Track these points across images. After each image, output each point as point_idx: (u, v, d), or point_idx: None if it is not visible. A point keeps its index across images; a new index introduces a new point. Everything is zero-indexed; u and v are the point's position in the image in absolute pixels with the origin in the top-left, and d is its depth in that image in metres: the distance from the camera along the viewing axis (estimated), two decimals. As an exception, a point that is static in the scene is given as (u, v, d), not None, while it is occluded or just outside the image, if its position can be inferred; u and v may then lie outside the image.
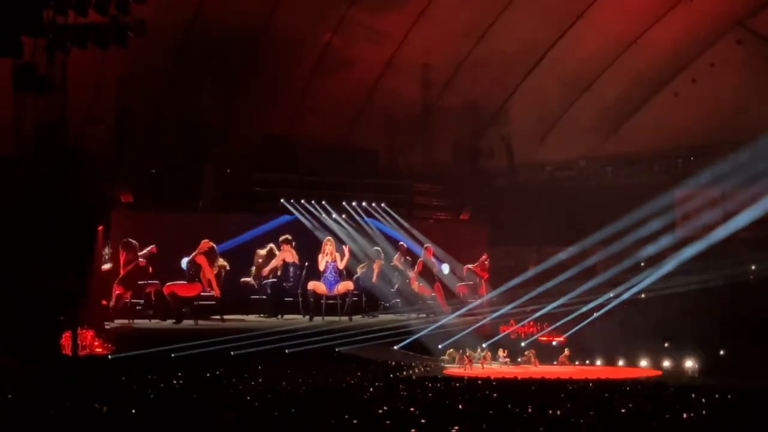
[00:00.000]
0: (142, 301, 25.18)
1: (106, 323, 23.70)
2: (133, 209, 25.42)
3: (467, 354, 24.27)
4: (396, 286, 27.49)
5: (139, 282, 25.02)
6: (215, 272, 25.44)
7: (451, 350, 24.86)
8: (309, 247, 26.85)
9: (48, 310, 20.59)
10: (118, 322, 24.40)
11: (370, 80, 29.61)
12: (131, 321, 24.60)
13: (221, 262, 25.69)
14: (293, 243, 26.60)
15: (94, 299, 23.45)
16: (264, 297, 26.37)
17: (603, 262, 28.23)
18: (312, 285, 26.43)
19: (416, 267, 28.37)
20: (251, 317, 26.10)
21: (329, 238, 26.87)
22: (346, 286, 26.73)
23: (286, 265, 26.57)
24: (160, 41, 23.62)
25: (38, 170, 21.56)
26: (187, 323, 24.75)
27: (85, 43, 18.83)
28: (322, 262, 26.73)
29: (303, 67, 28.67)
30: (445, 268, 28.99)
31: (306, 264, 26.56)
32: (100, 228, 24.13)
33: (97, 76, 24.55)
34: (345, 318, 26.36)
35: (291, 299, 26.51)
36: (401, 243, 28.26)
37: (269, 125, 28.89)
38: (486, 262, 29.18)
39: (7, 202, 21.20)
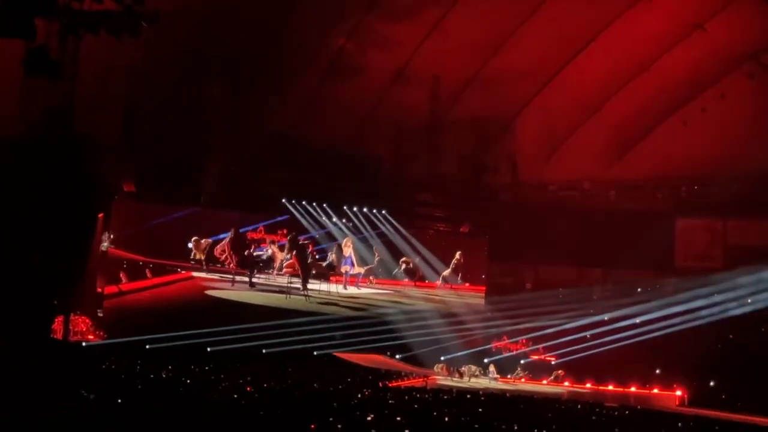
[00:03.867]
0: None
1: (98, 311, 23.69)
2: (135, 199, 25.43)
3: (459, 369, 24.28)
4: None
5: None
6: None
7: (441, 365, 24.90)
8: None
9: (42, 292, 20.60)
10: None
11: (380, 88, 29.56)
12: None
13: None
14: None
15: (90, 286, 23.44)
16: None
17: (599, 285, 28.24)
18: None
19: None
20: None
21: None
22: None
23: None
24: (173, 34, 23.58)
25: (42, 154, 21.58)
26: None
27: (98, 30, 18.76)
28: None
29: (314, 70, 28.63)
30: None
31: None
32: (101, 215, 24.13)
33: (107, 64, 24.52)
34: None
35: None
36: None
37: (276, 125, 28.87)
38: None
39: (9, 182, 21.22)
